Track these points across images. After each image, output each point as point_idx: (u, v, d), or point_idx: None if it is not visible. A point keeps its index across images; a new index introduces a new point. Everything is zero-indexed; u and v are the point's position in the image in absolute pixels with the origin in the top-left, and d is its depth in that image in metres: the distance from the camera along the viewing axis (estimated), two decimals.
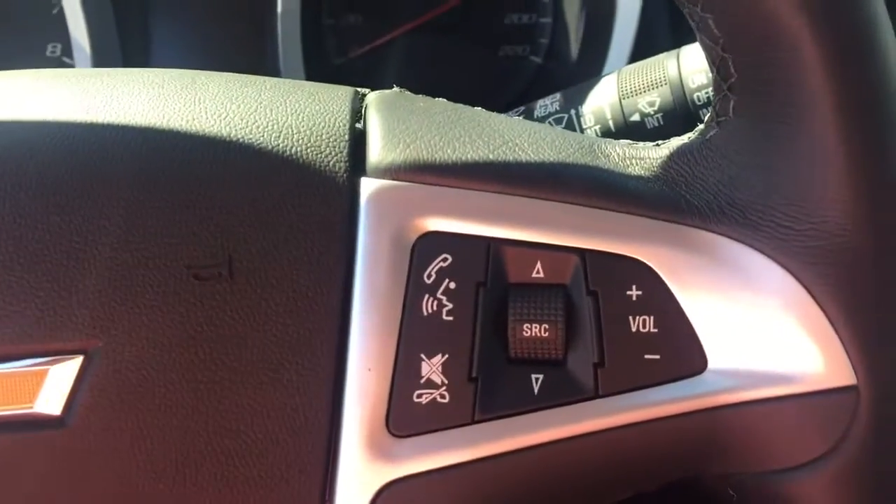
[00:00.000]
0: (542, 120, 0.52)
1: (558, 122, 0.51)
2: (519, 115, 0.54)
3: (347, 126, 0.35)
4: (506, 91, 0.78)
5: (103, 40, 0.74)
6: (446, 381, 0.32)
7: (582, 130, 0.50)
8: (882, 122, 0.31)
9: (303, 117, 0.35)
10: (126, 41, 0.76)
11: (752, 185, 0.32)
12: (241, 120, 0.34)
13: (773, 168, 0.32)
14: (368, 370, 0.32)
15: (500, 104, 0.74)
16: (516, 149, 0.35)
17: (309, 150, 0.34)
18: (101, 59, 0.73)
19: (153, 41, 0.76)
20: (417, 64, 0.78)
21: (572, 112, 0.51)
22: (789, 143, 0.31)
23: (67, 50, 0.75)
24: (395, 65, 0.78)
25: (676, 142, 0.35)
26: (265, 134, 0.34)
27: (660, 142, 0.36)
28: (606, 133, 0.50)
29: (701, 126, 0.35)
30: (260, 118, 0.35)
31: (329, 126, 0.35)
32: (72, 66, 0.75)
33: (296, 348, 0.32)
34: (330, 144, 0.34)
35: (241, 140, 0.34)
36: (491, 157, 0.34)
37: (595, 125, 0.50)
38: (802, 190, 0.31)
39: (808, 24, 0.30)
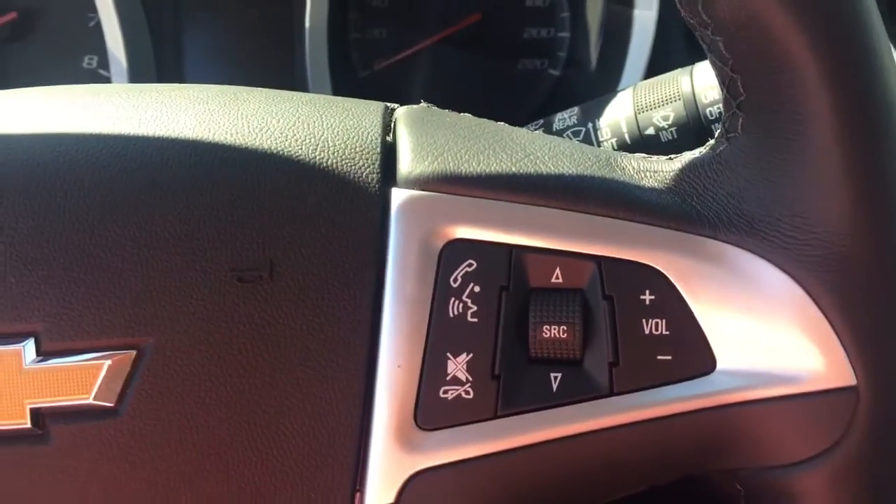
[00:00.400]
0: (560, 132, 0.54)
1: (576, 134, 0.53)
2: (538, 128, 0.56)
3: (379, 139, 0.37)
4: (525, 103, 0.80)
5: (138, 53, 0.76)
6: (471, 379, 0.34)
7: (599, 143, 0.52)
8: (881, 139, 0.32)
9: (337, 131, 0.37)
10: (160, 53, 0.78)
11: (759, 198, 0.34)
12: (281, 134, 0.36)
13: (779, 182, 0.33)
14: (398, 367, 0.34)
15: (519, 115, 0.76)
16: (538, 162, 0.36)
17: (343, 162, 0.36)
18: (136, 70, 0.75)
19: (186, 53, 0.79)
20: (440, 76, 0.80)
21: (589, 125, 0.53)
22: (794, 159, 0.33)
23: (104, 62, 0.78)
24: (418, 77, 0.80)
25: (688, 156, 0.37)
26: (303, 147, 0.36)
27: (672, 155, 0.37)
28: (622, 145, 0.52)
29: (712, 141, 0.36)
30: (298, 132, 0.37)
31: (362, 139, 0.37)
32: (108, 77, 0.77)
33: (330, 346, 0.34)
34: (363, 157, 0.36)
35: (281, 152, 0.36)
36: (514, 169, 0.36)
37: (611, 138, 0.52)
38: (806, 202, 0.33)
39: (810, 46, 0.31)
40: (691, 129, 0.50)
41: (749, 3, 0.31)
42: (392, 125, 0.39)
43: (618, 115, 0.52)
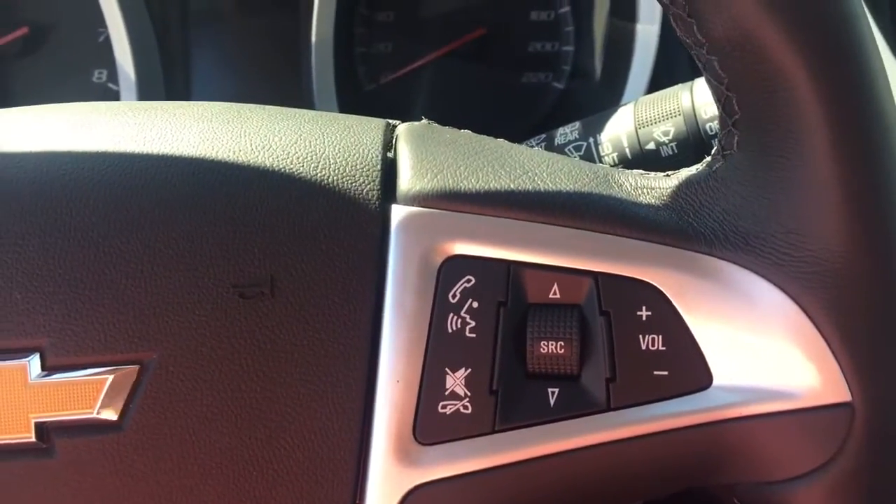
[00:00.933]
0: (561, 147, 0.55)
1: (577, 149, 0.54)
2: (540, 143, 0.56)
3: (379, 156, 0.37)
4: (528, 115, 0.81)
5: (147, 67, 0.77)
6: (469, 394, 0.34)
7: (600, 158, 0.53)
8: (875, 156, 0.32)
9: (338, 148, 0.37)
10: (169, 67, 0.79)
11: (755, 215, 0.34)
12: (283, 151, 0.37)
13: (774, 199, 0.34)
14: (397, 382, 0.34)
15: (523, 128, 0.77)
16: (536, 179, 0.37)
17: (344, 179, 0.36)
18: (145, 85, 0.76)
19: (194, 67, 0.79)
20: (444, 90, 0.81)
21: (591, 140, 0.53)
22: (789, 176, 0.33)
23: (113, 76, 0.79)
24: (423, 91, 0.80)
25: (685, 173, 0.37)
26: (304, 164, 0.36)
27: (669, 172, 0.38)
28: (623, 160, 0.52)
29: (708, 158, 0.36)
30: (300, 149, 0.37)
31: (362, 156, 0.37)
32: (117, 91, 0.78)
33: (330, 361, 0.34)
34: (363, 173, 0.37)
35: (282, 170, 0.36)
36: (512, 186, 0.36)
37: (612, 153, 0.52)
38: (800, 220, 0.33)
39: (804, 65, 0.32)
40: (691, 144, 0.50)
41: (743, 23, 0.32)
42: (393, 142, 0.39)
43: (619, 129, 0.53)
